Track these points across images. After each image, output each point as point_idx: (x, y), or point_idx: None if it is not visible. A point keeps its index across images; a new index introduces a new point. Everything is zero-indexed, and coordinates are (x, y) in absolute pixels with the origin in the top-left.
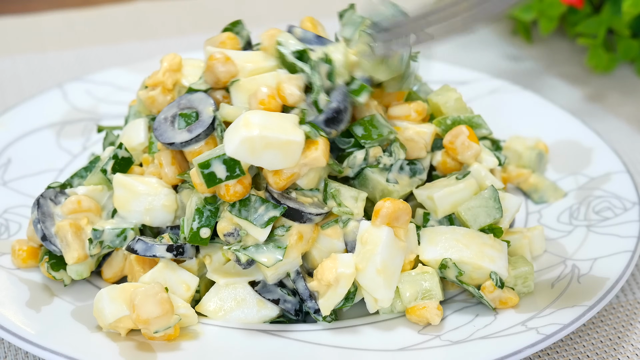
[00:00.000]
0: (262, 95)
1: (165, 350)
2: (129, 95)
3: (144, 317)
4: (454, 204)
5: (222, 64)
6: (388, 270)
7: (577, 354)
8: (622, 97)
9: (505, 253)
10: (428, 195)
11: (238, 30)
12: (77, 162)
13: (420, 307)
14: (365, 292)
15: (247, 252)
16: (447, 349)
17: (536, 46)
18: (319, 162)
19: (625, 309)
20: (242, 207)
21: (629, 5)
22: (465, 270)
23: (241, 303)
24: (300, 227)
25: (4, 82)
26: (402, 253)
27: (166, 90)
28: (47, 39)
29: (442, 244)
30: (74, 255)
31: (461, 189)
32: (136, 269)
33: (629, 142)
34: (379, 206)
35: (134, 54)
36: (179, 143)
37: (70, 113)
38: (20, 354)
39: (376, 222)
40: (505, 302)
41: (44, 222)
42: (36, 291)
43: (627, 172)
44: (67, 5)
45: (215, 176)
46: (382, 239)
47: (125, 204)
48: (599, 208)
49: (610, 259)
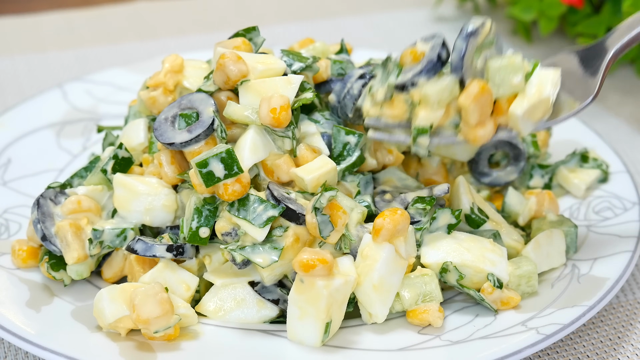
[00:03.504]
0: (275, 103)
1: (165, 350)
2: (129, 95)
3: (144, 317)
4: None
5: (233, 63)
6: (384, 286)
7: (577, 354)
8: (622, 97)
9: (505, 257)
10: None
11: (252, 37)
12: (77, 162)
13: (421, 310)
14: (361, 305)
15: (243, 252)
16: (447, 349)
17: (536, 46)
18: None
19: (625, 309)
20: (240, 207)
21: (629, 5)
22: (466, 273)
23: (241, 303)
24: (296, 228)
25: (4, 82)
26: (402, 270)
27: (167, 91)
28: (47, 39)
29: (443, 248)
30: (74, 255)
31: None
32: (136, 269)
33: (629, 142)
34: (379, 225)
35: (134, 54)
36: (178, 143)
37: (70, 113)
38: (20, 354)
39: (377, 239)
40: (506, 302)
41: (44, 222)
42: (36, 291)
43: (627, 172)
44: (67, 5)
45: (214, 175)
46: (381, 256)
47: (125, 204)
48: (599, 208)
49: (610, 259)
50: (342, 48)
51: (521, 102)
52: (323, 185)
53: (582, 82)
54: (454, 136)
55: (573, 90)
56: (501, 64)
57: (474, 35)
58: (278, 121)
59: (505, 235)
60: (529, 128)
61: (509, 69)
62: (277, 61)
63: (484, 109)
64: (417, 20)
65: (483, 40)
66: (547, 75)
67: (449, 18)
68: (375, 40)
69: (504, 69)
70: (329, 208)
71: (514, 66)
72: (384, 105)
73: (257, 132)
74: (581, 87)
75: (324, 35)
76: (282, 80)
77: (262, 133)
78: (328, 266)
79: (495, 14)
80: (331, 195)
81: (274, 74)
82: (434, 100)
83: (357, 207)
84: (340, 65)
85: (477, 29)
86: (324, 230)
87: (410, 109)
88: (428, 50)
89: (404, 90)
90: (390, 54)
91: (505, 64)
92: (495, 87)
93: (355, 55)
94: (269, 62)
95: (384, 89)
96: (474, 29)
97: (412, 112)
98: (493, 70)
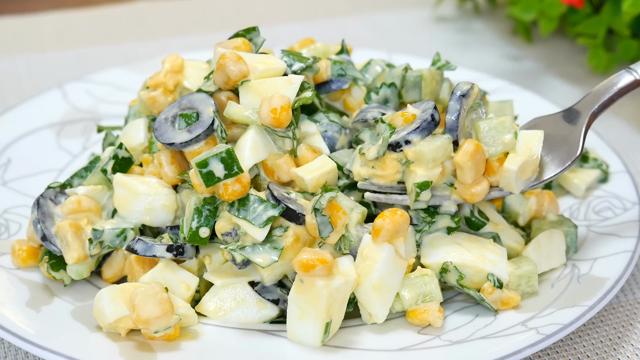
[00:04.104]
0: (276, 103)
1: (165, 350)
2: (129, 95)
3: (144, 317)
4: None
5: (233, 63)
6: (384, 287)
7: (577, 354)
8: (622, 97)
9: (505, 257)
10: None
11: (252, 37)
12: (77, 162)
13: (421, 310)
14: (361, 306)
15: (243, 252)
16: (447, 349)
17: (536, 46)
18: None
19: (625, 309)
20: (241, 207)
21: (629, 5)
22: (466, 273)
23: (241, 303)
24: (296, 228)
25: (4, 82)
26: (402, 270)
27: (167, 91)
28: (47, 39)
29: (443, 248)
30: (74, 255)
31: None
32: (136, 269)
33: (629, 142)
34: (379, 225)
35: (134, 54)
36: (178, 143)
37: (70, 113)
38: (20, 354)
39: (377, 240)
40: (507, 302)
41: (44, 222)
42: (36, 291)
43: (627, 172)
44: (67, 5)
45: (214, 175)
46: (381, 256)
47: (125, 204)
48: (599, 208)
49: (610, 259)
50: (343, 48)
51: (514, 159)
52: (323, 186)
53: (562, 143)
54: (449, 196)
55: (552, 152)
56: (491, 125)
57: (466, 97)
58: (279, 121)
59: (505, 237)
60: (520, 186)
61: (499, 129)
62: (278, 61)
63: (479, 168)
64: (417, 20)
65: (472, 103)
66: (532, 136)
67: (449, 18)
68: (375, 40)
69: (495, 129)
70: (328, 209)
71: (504, 126)
72: (375, 166)
73: (258, 132)
74: (562, 149)
75: (324, 36)
76: (282, 80)
77: (262, 133)
78: (328, 266)
79: (495, 14)
80: (331, 196)
81: (275, 74)
82: (428, 158)
83: (357, 207)
84: (340, 65)
85: (468, 91)
86: (324, 231)
87: (404, 169)
88: (420, 112)
89: (397, 149)
90: (378, 117)
91: (496, 125)
92: (486, 147)
93: (355, 55)
94: (270, 63)
95: (377, 146)
96: (466, 91)
97: (406, 172)
98: (484, 130)
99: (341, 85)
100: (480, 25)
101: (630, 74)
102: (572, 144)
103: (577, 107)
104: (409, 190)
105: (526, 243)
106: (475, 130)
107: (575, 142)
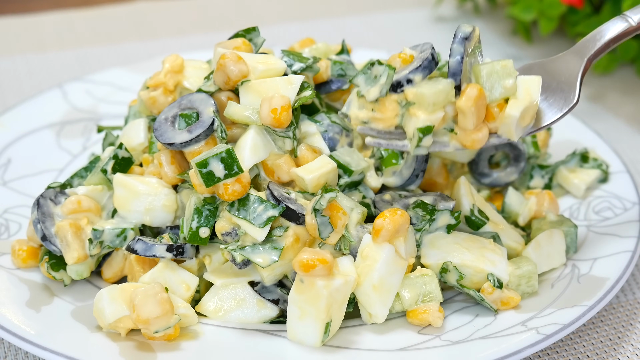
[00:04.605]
0: (276, 103)
1: (165, 350)
2: (129, 95)
3: (144, 317)
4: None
5: (233, 63)
6: (384, 287)
7: (577, 354)
8: (622, 97)
9: (505, 257)
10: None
11: (252, 37)
12: (77, 162)
13: (421, 310)
14: (361, 306)
15: (243, 252)
16: (447, 349)
17: (536, 46)
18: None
19: (625, 309)
20: (241, 207)
21: (628, 5)
22: (466, 273)
23: (241, 303)
24: (296, 228)
25: (4, 82)
26: (402, 270)
27: (167, 91)
28: (47, 39)
29: (443, 248)
30: (74, 255)
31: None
32: (136, 269)
33: (629, 142)
34: (379, 225)
35: (134, 54)
36: (178, 143)
37: (70, 113)
38: (20, 354)
39: (377, 240)
40: (507, 302)
41: (44, 222)
42: (36, 291)
43: (627, 172)
44: (67, 5)
45: (214, 175)
46: (381, 256)
47: (125, 204)
48: (599, 208)
49: (610, 259)
50: (343, 49)
51: (515, 104)
52: (324, 186)
53: (558, 90)
54: (448, 142)
55: (548, 98)
56: (493, 69)
57: (468, 40)
58: (279, 121)
59: (505, 237)
60: (519, 133)
61: (500, 74)
62: (278, 61)
63: (480, 113)
64: (417, 20)
65: (473, 47)
66: (531, 81)
67: (449, 18)
68: (375, 40)
69: (496, 73)
70: (328, 209)
71: (506, 70)
72: (374, 108)
73: (258, 132)
74: (558, 96)
75: (324, 36)
76: (282, 80)
77: (262, 133)
78: (328, 266)
79: (495, 14)
80: (331, 197)
81: (275, 74)
82: (429, 101)
83: (357, 207)
84: (340, 65)
85: (470, 33)
86: (324, 232)
87: (403, 111)
88: (417, 53)
89: (397, 89)
90: (373, 60)
91: (498, 69)
92: (487, 92)
93: (355, 55)
94: (270, 63)
95: (379, 85)
96: (469, 34)
97: (406, 115)
98: (484, 75)
99: (341, 85)
100: (480, 25)
101: (625, 21)
102: (568, 91)
103: (572, 53)
104: (410, 135)
105: (526, 243)
106: (476, 74)
107: (571, 89)
